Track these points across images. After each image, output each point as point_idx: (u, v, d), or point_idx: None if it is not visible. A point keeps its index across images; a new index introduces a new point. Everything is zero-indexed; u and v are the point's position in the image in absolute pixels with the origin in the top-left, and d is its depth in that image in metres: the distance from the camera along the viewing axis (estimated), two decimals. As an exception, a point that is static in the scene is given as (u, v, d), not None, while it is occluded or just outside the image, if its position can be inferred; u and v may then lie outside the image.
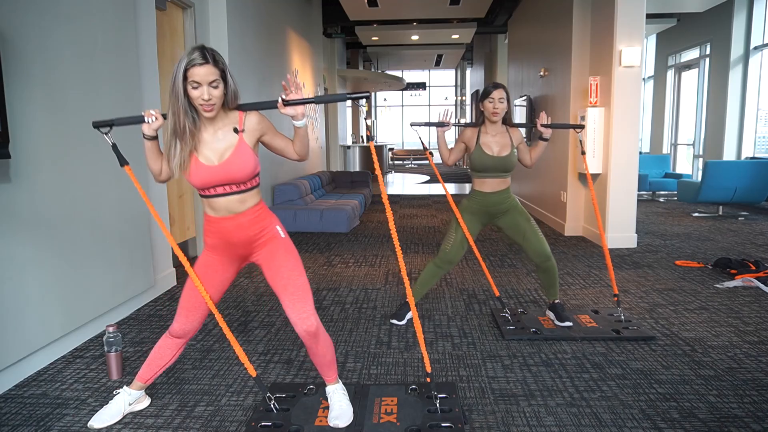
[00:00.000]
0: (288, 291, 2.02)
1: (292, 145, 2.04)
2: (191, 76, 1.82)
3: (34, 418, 2.18)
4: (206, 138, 1.93)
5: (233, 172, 1.93)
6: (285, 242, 2.07)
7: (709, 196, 6.82)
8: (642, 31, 5.10)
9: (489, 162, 2.95)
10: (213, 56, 1.85)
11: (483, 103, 2.97)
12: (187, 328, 2.13)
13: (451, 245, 3.08)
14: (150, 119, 1.93)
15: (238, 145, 1.93)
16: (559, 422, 2.10)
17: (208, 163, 1.92)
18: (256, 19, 6.10)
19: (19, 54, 2.48)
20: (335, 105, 12.19)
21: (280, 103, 1.91)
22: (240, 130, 1.94)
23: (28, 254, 2.53)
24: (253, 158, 1.96)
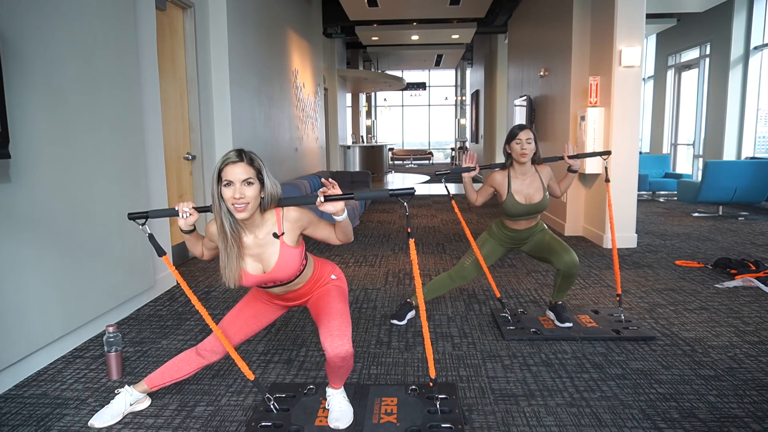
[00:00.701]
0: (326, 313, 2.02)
1: (335, 233, 2.02)
2: (225, 175, 1.81)
3: (34, 418, 2.18)
4: (248, 243, 1.94)
5: (281, 277, 1.97)
6: (336, 282, 2.14)
7: (709, 196, 6.82)
8: (642, 31, 5.10)
9: (523, 210, 2.92)
10: (249, 156, 1.84)
11: (510, 146, 2.90)
12: (217, 350, 2.17)
13: (470, 263, 3.08)
14: (183, 215, 1.93)
15: (281, 252, 1.93)
16: (559, 422, 2.10)
17: (255, 272, 1.95)
18: (256, 19, 6.10)
19: (19, 54, 2.47)
20: (335, 105, 12.19)
21: (319, 201, 1.87)
22: (280, 234, 1.93)
23: (28, 254, 2.53)
24: (299, 258, 1.98)
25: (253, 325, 2.20)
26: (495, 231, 3.08)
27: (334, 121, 12.30)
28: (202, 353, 2.17)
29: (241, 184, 1.80)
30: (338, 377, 2.10)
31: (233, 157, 1.81)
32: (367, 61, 17.59)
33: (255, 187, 1.82)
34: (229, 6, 5.11)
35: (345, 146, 13.66)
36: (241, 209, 1.82)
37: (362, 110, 19.75)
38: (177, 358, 2.21)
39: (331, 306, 2.04)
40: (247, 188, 1.81)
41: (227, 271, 1.91)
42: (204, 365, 2.20)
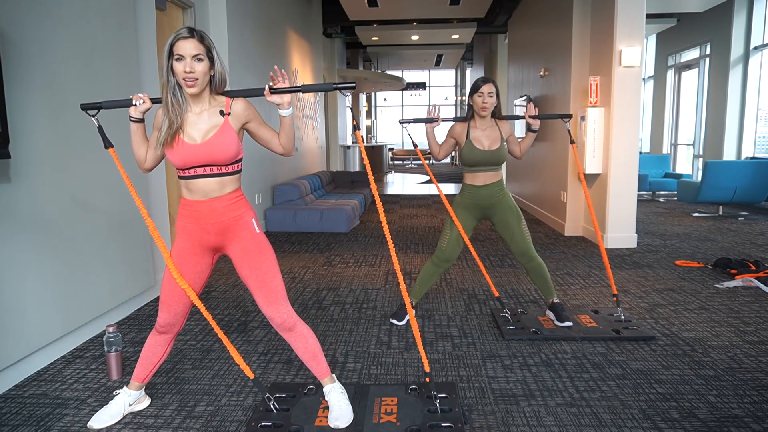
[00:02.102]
0: (262, 292, 2.02)
1: (278, 137, 2.03)
2: (176, 49, 1.84)
3: (34, 418, 2.18)
4: (192, 118, 1.94)
5: (215, 152, 1.92)
6: (259, 239, 2.04)
7: (709, 196, 6.82)
8: (642, 31, 5.10)
9: (479, 156, 2.96)
10: (200, 34, 1.88)
11: (472, 98, 2.98)
12: (171, 321, 2.12)
13: (447, 243, 3.09)
14: (137, 102, 1.96)
15: (222, 127, 1.93)
16: (559, 422, 2.10)
17: (191, 141, 1.92)
18: (256, 19, 6.10)
19: (20, 54, 2.47)
20: (335, 105, 12.18)
21: (267, 91, 1.92)
22: (226, 113, 1.95)
23: (28, 254, 2.53)
24: (237, 142, 1.96)
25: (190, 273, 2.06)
26: (458, 199, 3.12)
27: (334, 121, 12.30)
28: (161, 330, 2.14)
29: (192, 59, 1.84)
30: (309, 359, 2.11)
31: (184, 33, 1.84)
32: (367, 61, 17.59)
33: (205, 64, 1.87)
34: (229, 6, 5.11)
35: (345, 146, 13.66)
36: (191, 84, 1.86)
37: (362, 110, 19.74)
38: (146, 345, 2.19)
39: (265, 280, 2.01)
40: (198, 64, 1.85)
41: (162, 134, 1.91)
42: (172, 340, 2.19)
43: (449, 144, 3.09)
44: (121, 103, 2.03)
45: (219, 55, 1.95)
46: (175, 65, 1.85)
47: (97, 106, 2.07)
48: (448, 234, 3.09)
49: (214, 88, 1.96)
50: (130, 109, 1.98)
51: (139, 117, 2.00)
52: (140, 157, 2.05)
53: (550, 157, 6.74)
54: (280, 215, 6.33)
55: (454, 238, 3.07)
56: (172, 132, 1.91)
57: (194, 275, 2.08)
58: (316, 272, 4.45)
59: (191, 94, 1.90)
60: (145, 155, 2.04)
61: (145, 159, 2.05)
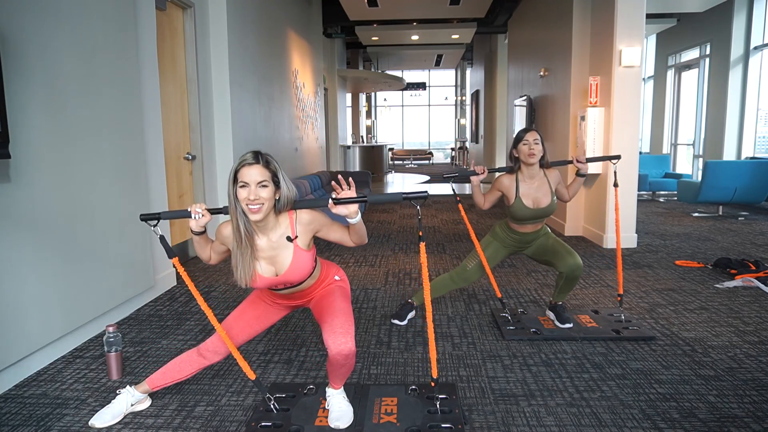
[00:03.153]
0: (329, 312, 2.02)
1: (348, 235, 2.01)
2: (240, 176, 1.83)
3: (34, 418, 2.18)
4: (262, 246, 1.95)
5: (294, 279, 1.99)
6: (339, 283, 2.15)
7: (709, 196, 6.82)
8: (642, 31, 5.10)
9: (530, 214, 2.90)
10: (266, 159, 1.85)
11: (517, 148, 2.89)
12: (219, 351, 2.17)
13: (473, 265, 3.07)
14: (196, 216, 1.94)
15: (294, 255, 1.95)
16: (559, 422, 2.10)
17: (268, 274, 1.97)
18: (256, 19, 6.10)
19: (19, 54, 2.47)
20: (335, 105, 12.19)
21: (331, 203, 1.87)
22: (294, 238, 1.94)
23: (28, 254, 2.53)
24: (311, 260, 2.00)
25: (256, 326, 2.21)
26: (499, 233, 3.07)
27: (334, 121, 12.30)
28: (204, 354, 2.17)
29: (257, 186, 1.82)
30: (339, 376, 2.10)
31: (250, 159, 1.83)
32: (367, 61, 17.59)
33: (270, 189, 1.84)
34: (229, 6, 5.11)
35: (345, 146, 13.66)
36: (255, 210, 1.83)
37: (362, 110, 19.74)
38: (179, 358, 2.21)
39: (334, 305, 2.04)
40: (262, 190, 1.83)
41: (239, 271, 1.92)
42: (205, 366, 2.21)
43: (495, 196, 3.01)
44: (180, 214, 2.03)
45: (285, 176, 1.90)
46: (239, 192, 1.83)
47: (156, 217, 2.04)
48: (476, 258, 3.05)
49: (278, 211, 1.92)
50: (191, 223, 1.96)
51: (200, 230, 1.99)
52: (205, 258, 2.10)
53: (551, 157, 6.72)
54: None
55: (481, 263, 3.04)
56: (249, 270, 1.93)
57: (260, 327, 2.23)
58: (316, 272, 4.45)
59: (254, 220, 1.88)
60: (209, 255, 2.09)
61: (210, 258, 2.10)
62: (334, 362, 1.98)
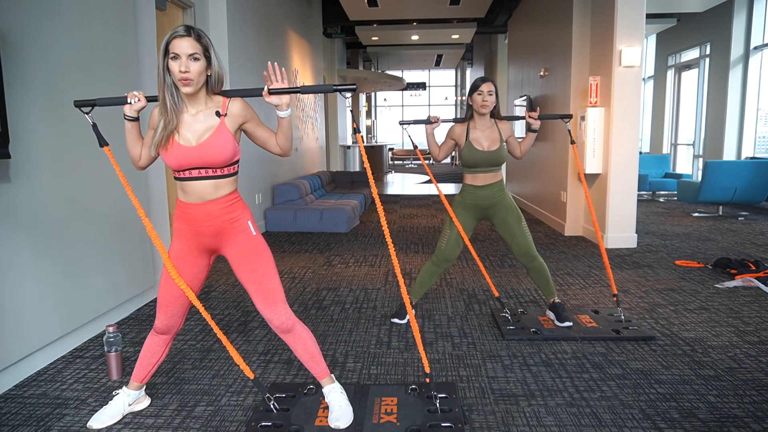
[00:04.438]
0: (260, 294, 2.01)
1: (275, 138, 2.00)
2: (172, 48, 1.80)
3: (34, 418, 2.18)
4: (187, 119, 1.91)
5: (210, 154, 1.89)
6: (256, 240, 2.02)
7: (709, 196, 6.82)
8: (642, 31, 5.10)
9: (479, 157, 2.96)
10: (197, 32, 1.84)
11: (472, 97, 2.97)
12: (170, 323, 2.12)
13: (446, 243, 3.09)
14: (132, 100, 1.92)
15: (218, 128, 1.90)
16: (559, 422, 2.10)
17: (186, 143, 1.90)
18: (256, 19, 6.10)
19: (20, 54, 2.47)
20: (335, 105, 12.19)
21: (266, 92, 1.89)
22: (222, 114, 1.92)
23: (28, 254, 2.53)
24: (233, 143, 1.93)
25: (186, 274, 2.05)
26: (458, 199, 3.11)
27: (334, 121, 12.30)
28: (159, 331, 2.14)
29: (188, 59, 1.80)
30: (308, 360, 2.10)
31: (181, 31, 1.80)
32: (367, 61, 17.59)
33: (201, 63, 1.83)
34: (229, 6, 5.11)
35: (345, 146, 13.66)
36: (186, 83, 1.82)
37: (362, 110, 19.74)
38: (145, 346, 2.19)
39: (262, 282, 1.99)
40: (194, 63, 1.81)
41: (158, 135, 1.88)
42: (169, 341, 2.19)
43: (449, 145, 3.09)
44: (116, 101, 2.00)
45: (217, 53, 1.91)
46: (170, 64, 1.81)
47: (91, 103, 2.04)
48: (447, 234, 3.09)
49: (210, 88, 1.92)
50: (125, 107, 1.95)
51: (133, 115, 1.96)
52: (135, 155, 2.03)
53: (550, 157, 6.73)
54: (280, 215, 6.33)
55: (453, 238, 3.07)
56: (167, 133, 1.88)
57: (192, 276, 2.07)
58: (316, 272, 4.45)
59: (187, 93, 1.87)
60: (140, 154, 2.02)
61: (140, 157, 2.03)
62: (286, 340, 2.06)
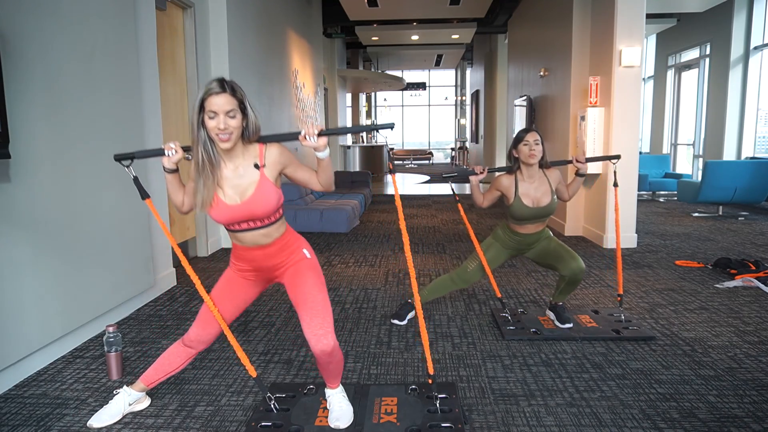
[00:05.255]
0: (306, 306, 1.99)
1: (316, 176, 2.00)
2: (208, 105, 1.80)
3: (34, 418, 2.18)
4: (227, 174, 1.91)
5: (257, 209, 1.91)
6: (310, 262, 2.07)
7: (709, 196, 6.82)
8: (642, 31, 5.10)
9: (529, 213, 2.89)
10: (231, 86, 1.83)
11: (518, 148, 2.89)
12: (202, 339, 2.14)
13: (474, 266, 3.05)
14: (170, 152, 1.91)
15: (260, 182, 1.90)
16: (559, 422, 2.10)
17: (231, 202, 1.90)
18: (256, 19, 6.10)
19: (20, 54, 2.47)
20: (335, 105, 12.20)
21: (302, 136, 1.87)
22: (261, 165, 1.91)
23: (28, 254, 2.53)
24: (276, 193, 1.93)
25: (233, 302, 2.12)
26: (500, 235, 3.06)
27: (334, 121, 12.30)
28: (188, 344, 2.15)
29: (225, 115, 1.80)
30: (331, 374, 2.09)
31: (216, 88, 1.80)
32: (367, 61, 17.59)
33: (238, 118, 1.83)
34: (229, 6, 5.11)
35: (345, 146, 13.66)
36: (225, 139, 1.82)
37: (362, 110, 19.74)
38: (167, 352, 2.20)
39: (311, 294, 2.00)
40: (231, 119, 1.81)
41: (200, 194, 1.88)
42: (193, 355, 2.19)
43: (494, 196, 3.00)
44: (154, 153, 2.00)
45: (251, 104, 1.89)
46: (207, 122, 1.81)
47: (130, 156, 2.02)
48: (477, 259, 3.04)
49: (246, 138, 1.90)
50: (163, 160, 1.93)
51: (172, 167, 1.96)
52: (178, 202, 2.04)
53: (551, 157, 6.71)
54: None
55: (481, 266, 3.03)
56: (209, 192, 1.88)
57: (241, 302, 2.15)
58: (316, 272, 4.45)
59: (224, 149, 1.86)
60: (182, 200, 2.03)
61: (183, 203, 2.04)
62: (321, 360, 1.99)
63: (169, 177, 1.98)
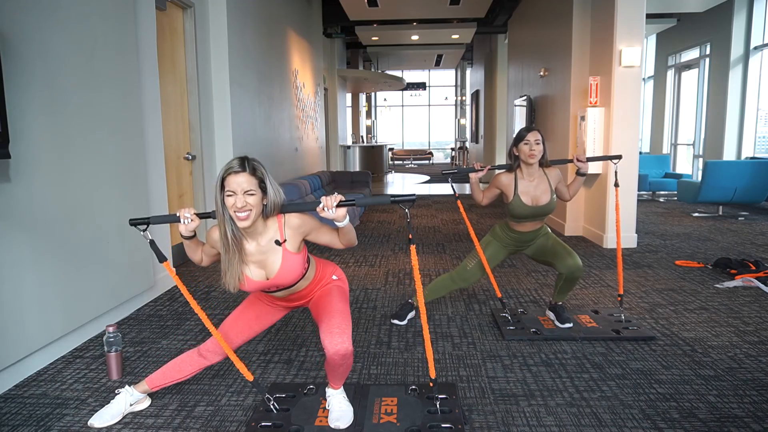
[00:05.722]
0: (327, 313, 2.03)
1: (338, 238, 2.02)
2: (227, 185, 1.82)
3: (34, 418, 2.18)
4: (251, 251, 1.94)
5: (284, 281, 1.99)
6: (337, 283, 2.15)
7: (709, 196, 6.82)
8: (642, 31, 5.10)
9: (528, 212, 2.89)
10: (252, 166, 1.84)
11: (518, 147, 2.88)
12: (219, 351, 2.16)
13: (473, 265, 3.06)
14: (185, 221, 1.93)
15: (284, 259, 1.94)
16: (559, 422, 2.10)
17: (260, 278, 1.97)
18: (256, 19, 6.10)
19: (20, 54, 2.47)
20: (335, 105, 12.19)
21: (320, 208, 1.87)
22: (282, 241, 1.94)
23: (28, 254, 2.53)
24: (301, 263, 1.99)
25: (255, 326, 2.21)
26: (499, 233, 3.06)
27: (334, 121, 12.30)
28: (204, 354, 2.17)
29: (244, 194, 1.81)
30: (338, 376, 2.10)
31: (236, 167, 1.82)
32: (367, 61, 17.59)
33: (257, 196, 1.84)
34: (229, 6, 5.11)
35: (345, 146, 13.66)
36: (243, 218, 1.83)
37: (362, 110, 19.74)
38: (179, 358, 2.21)
39: (331, 305, 2.05)
40: (250, 197, 1.82)
41: (228, 276, 1.92)
42: (205, 366, 2.21)
43: (493, 193, 3.00)
44: (169, 219, 2.03)
45: (272, 181, 1.90)
46: (226, 200, 1.83)
47: (146, 222, 2.04)
48: (476, 258, 3.05)
49: (266, 215, 1.91)
50: (180, 228, 1.96)
51: (189, 235, 1.99)
52: (196, 260, 2.11)
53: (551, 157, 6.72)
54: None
55: (481, 263, 3.03)
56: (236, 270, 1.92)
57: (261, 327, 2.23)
58: (316, 272, 4.45)
59: (243, 227, 1.88)
60: (201, 258, 2.10)
61: (202, 260, 2.11)
62: (332, 362, 1.98)
63: (187, 242, 2.03)
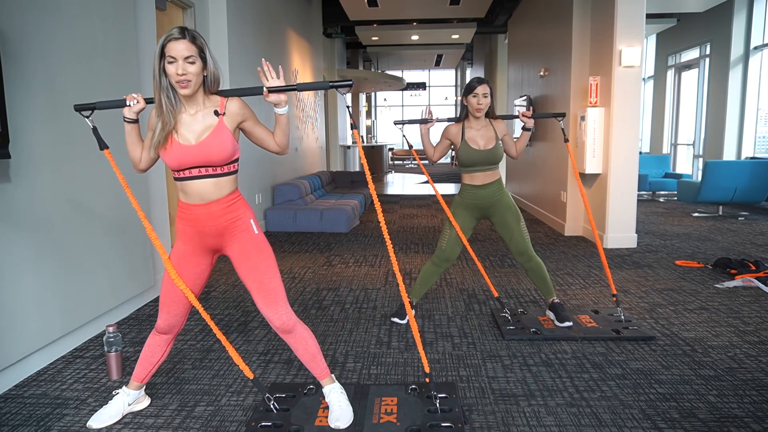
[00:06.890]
0: (261, 293, 2.01)
1: (273, 136, 2.03)
2: (168, 51, 1.82)
3: (34, 418, 2.18)
4: (186, 119, 1.93)
5: (210, 153, 1.90)
6: (258, 239, 2.04)
7: (709, 196, 6.82)
8: (642, 31, 5.10)
9: (476, 156, 2.98)
10: (192, 34, 1.85)
11: (467, 98, 3.00)
12: (172, 323, 2.13)
13: (446, 242, 3.10)
14: (131, 102, 1.94)
15: (217, 127, 1.92)
16: (559, 422, 2.10)
17: (186, 142, 1.91)
18: (256, 19, 6.10)
19: (19, 54, 2.47)
20: (335, 105, 12.19)
21: (266, 92, 1.91)
22: (221, 113, 1.94)
23: (27, 254, 2.53)
24: (232, 141, 1.94)
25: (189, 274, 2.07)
26: (457, 199, 3.13)
27: (334, 121, 12.30)
28: (161, 331, 2.15)
29: (184, 61, 1.82)
30: (309, 360, 2.10)
31: (176, 34, 1.82)
32: (367, 61, 17.59)
33: (197, 65, 1.85)
34: (229, 6, 5.11)
35: (345, 146, 13.66)
36: (184, 85, 1.85)
37: (362, 110, 19.73)
38: (146, 346, 2.19)
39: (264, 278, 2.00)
40: (190, 65, 1.83)
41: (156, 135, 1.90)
42: (171, 341, 2.19)
43: (444, 145, 3.11)
44: (115, 104, 2.02)
45: (212, 54, 1.93)
46: (167, 67, 1.83)
47: (91, 107, 2.06)
48: (447, 234, 3.10)
49: (207, 88, 1.94)
50: (124, 110, 1.97)
51: (133, 117, 1.98)
52: (135, 157, 2.04)
53: (550, 157, 6.73)
54: (280, 215, 6.33)
55: (453, 237, 3.08)
56: (165, 133, 1.90)
57: (194, 276, 2.08)
58: (316, 272, 4.45)
59: (184, 95, 1.88)
60: (140, 156, 2.03)
61: (140, 160, 2.04)
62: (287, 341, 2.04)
63: (128, 128, 1.99)
